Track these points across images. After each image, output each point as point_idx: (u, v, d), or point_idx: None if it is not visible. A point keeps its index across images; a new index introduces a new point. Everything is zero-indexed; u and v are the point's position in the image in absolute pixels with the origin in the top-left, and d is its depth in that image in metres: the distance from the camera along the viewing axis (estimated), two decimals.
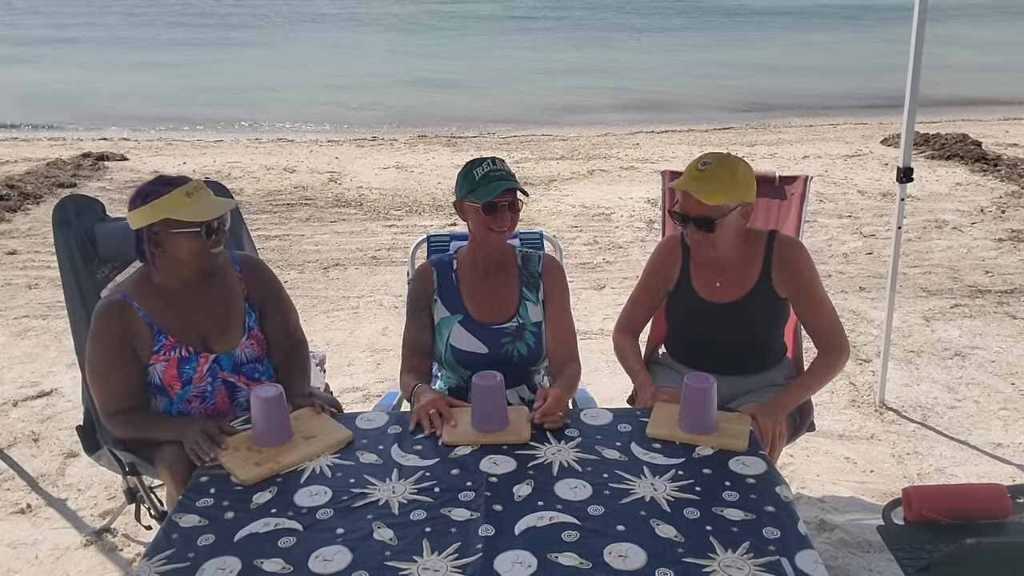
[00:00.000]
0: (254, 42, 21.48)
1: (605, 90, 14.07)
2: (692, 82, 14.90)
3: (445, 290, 2.45)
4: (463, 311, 2.43)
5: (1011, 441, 3.43)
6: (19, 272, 5.58)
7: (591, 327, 4.60)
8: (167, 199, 2.16)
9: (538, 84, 14.88)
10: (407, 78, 15.50)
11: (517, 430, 2.08)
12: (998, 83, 13.86)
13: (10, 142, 10.09)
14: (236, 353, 2.33)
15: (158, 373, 2.25)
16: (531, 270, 2.46)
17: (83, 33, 22.85)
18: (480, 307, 2.42)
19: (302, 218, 6.79)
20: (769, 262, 2.42)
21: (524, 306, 2.43)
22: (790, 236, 2.55)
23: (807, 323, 2.47)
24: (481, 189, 2.28)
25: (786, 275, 2.41)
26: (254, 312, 2.40)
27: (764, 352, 2.57)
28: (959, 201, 6.89)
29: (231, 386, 2.33)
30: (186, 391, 2.28)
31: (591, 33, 22.83)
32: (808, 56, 17.86)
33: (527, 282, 2.45)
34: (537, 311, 2.44)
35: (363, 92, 14.10)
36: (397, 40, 21.91)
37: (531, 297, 2.44)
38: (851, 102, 12.62)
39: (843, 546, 2.78)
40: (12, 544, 2.89)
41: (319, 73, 16.20)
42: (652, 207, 6.83)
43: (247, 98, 13.60)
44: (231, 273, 2.39)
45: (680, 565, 1.59)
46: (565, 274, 2.52)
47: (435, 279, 2.46)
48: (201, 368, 2.27)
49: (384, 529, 1.73)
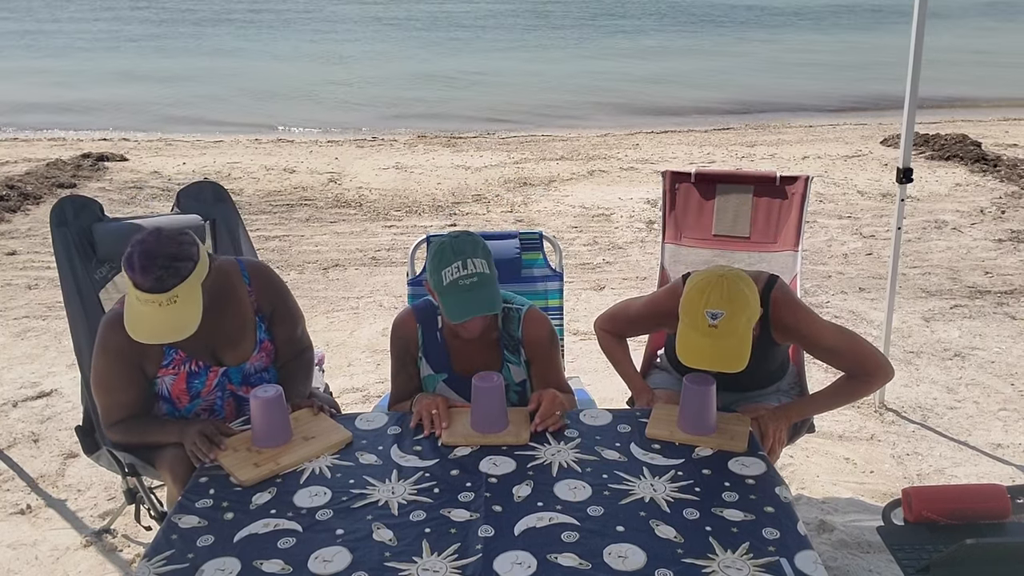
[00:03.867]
0: (254, 42, 21.48)
1: (605, 90, 14.07)
2: (692, 82, 14.89)
3: (430, 348, 2.35)
4: (448, 370, 2.35)
5: (1011, 441, 3.43)
6: (19, 272, 5.58)
7: (591, 328, 4.59)
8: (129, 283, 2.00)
9: (539, 84, 14.88)
10: (407, 78, 15.49)
11: (517, 431, 2.08)
12: (998, 83, 13.86)
13: (10, 142, 10.09)
14: (246, 366, 2.31)
15: (167, 385, 2.23)
16: (511, 333, 2.32)
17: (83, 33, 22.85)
18: (465, 368, 2.33)
19: (302, 218, 6.79)
20: (768, 320, 2.29)
21: (507, 368, 2.34)
22: (784, 293, 2.31)
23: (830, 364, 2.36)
24: (447, 302, 2.10)
25: (788, 335, 2.32)
26: (264, 324, 2.36)
27: (765, 376, 2.53)
28: (959, 202, 6.89)
29: (240, 399, 2.31)
30: (194, 404, 2.26)
31: (592, 34, 22.84)
32: (808, 56, 17.85)
33: (507, 345, 2.33)
34: (519, 371, 2.35)
35: (363, 92, 14.10)
36: (397, 40, 21.91)
37: (513, 359, 2.34)
38: (851, 103, 12.62)
39: (843, 547, 2.78)
40: (12, 545, 2.89)
41: (319, 73, 16.20)
42: (652, 207, 6.83)
43: (247, 98, 13.60)
44: (240, 286, 2.32)
45: (680, 565, 1.59)
46: (550, 325, 2.36)
47: (420, 336, 2.34)
48: (210, 383, 2.26)
49: (384, 530, 1.73)
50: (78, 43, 20.74)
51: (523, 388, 2.38)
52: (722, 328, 2.00)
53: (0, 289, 5.30)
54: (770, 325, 2.30)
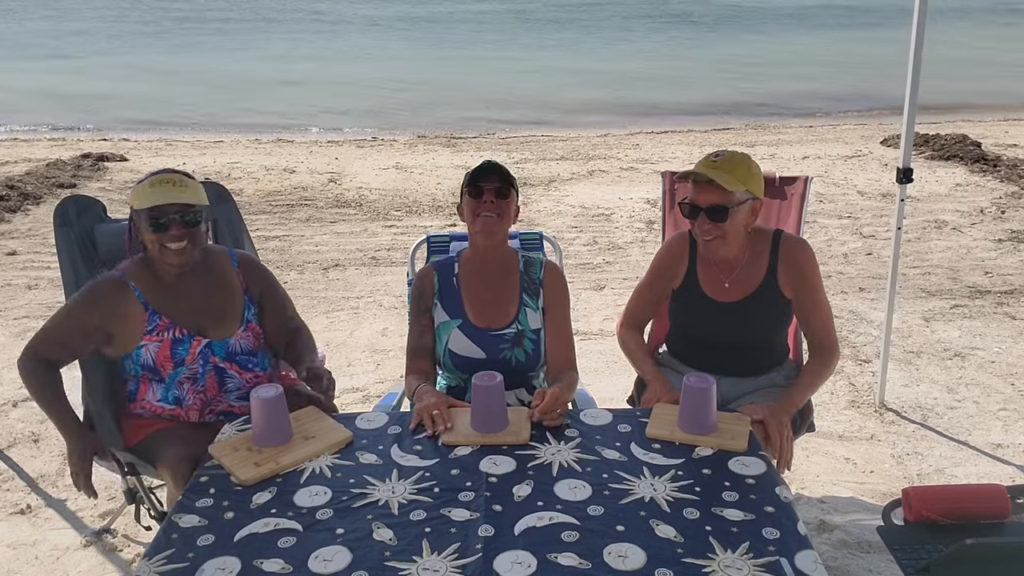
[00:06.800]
0: (254, 42, 21.48)
1: (605, 90, 14.07)
2: (692, 82, 14.90)
3: (446, 294, 2.44)
4: (462, 316, 2.41)
5: (1011, 441, 3.43)
6: (19, 273, 5.58)
7: (591, 328, 4.61)
8: (136, 189, 2.24)
9: (539, 84, 14.89)
10: (407, 78, 15.50)
11: (517, 431, 2.08)
12: (998, 83, 13.86)
13: (10, 142, 10.09)
14: (230, 342, 2.36)
15: (151, 354, 2.27)
16: (532, 276, 2.45)
17: (82, 33, 22.85)
18: (479, 312, 2.41)
19: (302, 219, 6.79)
20: (775, 260, 2.43)
21: (524, 312, 2.42)
22: (796, 235, 2.57)
23: (805, 323, 2.49)
24: (470, 178, 2.33)
25: (793, 274, 2.43)
26: (253, 306, 2.42)
27: (766, 353, 2.57)
28: (959, 202, 6.89)
29: (221, 372, 2.35)
30: (178, 372, 2.30)
31: (592, 34, 22.84)
32: (808, 56, 17.86)
33: (527, 288, 2.43)
34: (536, 318, 2.43)
35: (363, 92, 14.10)
36: (397, 40, 21.91)
37: (531, 304, 2.43)
38: (851, 103, 12.62)
39: (843, 547, 2.78)
40: (12, 544, 2.89)
41: (319, 73, 16.20)
42: (652, 207, 6.83)
43: (247, 98, 13.60)
44: (228, 268, 2.43)
45: (679, 565, 1.59)
46: (566, 281, 2.51)
47: (436, 282, 2.45)
48: (193, 350, 2.30)
49: (384, 529, 1.73)
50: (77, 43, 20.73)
51: (538, 337, 2.43)
52: (724, 163, 2.32)
53: (0, 289, 5.30)
54: (777, 266, 2.42)
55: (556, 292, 2.45)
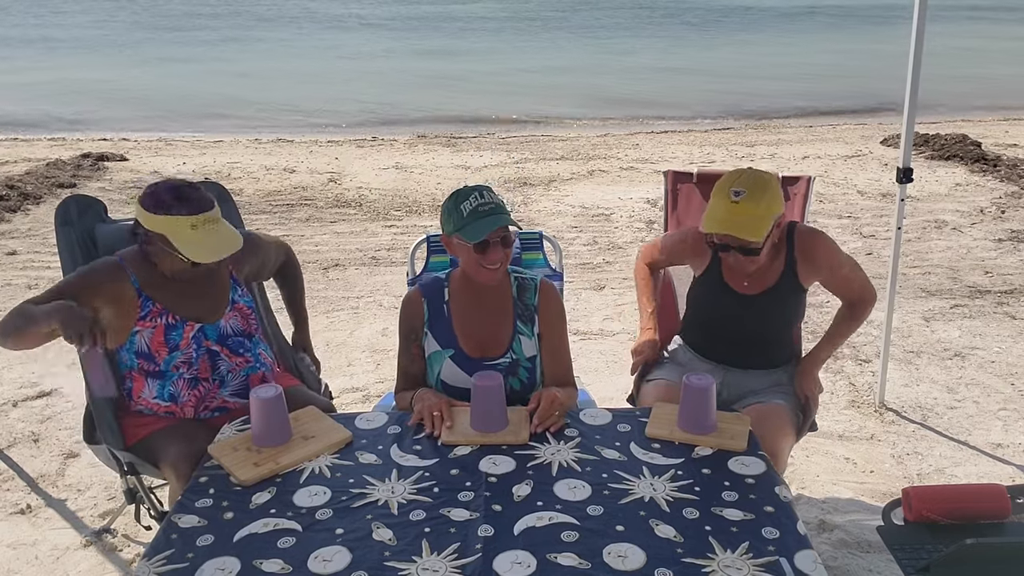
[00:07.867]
0: (254, 42, 21.48)
1: (605, 90, 14.07)
2: (692, 82, 14.89)
3: (436, 321, 2.31)
4: (455, 346, 2.30)
5: (1011, 441, 3.43)
6: (19, 272, 5.58)
7: (591, 327, 4.60)
8: (173, 222, 2.17)
9: (539, 84, 14.88)
10: (407, 78, 15.49)
11: (516, 430, 2.08)
12: (998, 83, 13.86)
13: (10, 142, 10.09)
14: (221, 324, 2.39)
15: (145, 340, 2.29)
16: (527, 302, 2.32)
17: (81, 32, 22.85)
18: (472, 342, 2.30)
19: (302, 218, 6.79)
20: (792, 254, 2.47)
21: (518, 341, 2.30)
22: (808, 226, 2.58)
23: (839, 295, 2.60)
24: (471, 227, 2.14)
25: (810, 267, 2.47)
26: (239, 287, 2.48)
27: (776, 348, 2.62)
28: (959, 201, 6.89)
29: (214, 355, 2.37)
30: (173, 357, 2.32)
31: (592, 34, 22.83)
32: (808, 56, 17.85)
33: (522, 315, 2.31)
34: (531, 345, 2.32)
35: (363, 92, 14.10)
36: (398, 41, 21.91)
37: (526, 331, 2.31)
38: (851, 103, 12.62)
39: (843, 546, 2.78)
40: (12, 544, 2.89)
41: (319, 73, 16.20)
42: (652, 207, 6.83)
43: (247, 98, 13.60)
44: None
45: (679, 565, 1.59)
46: (562, 300, 2.41)
47: (425, 310, 2.32)
48: (187, 335, 2.32)
49: (383, 529, 1.73)
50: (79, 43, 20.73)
51: (533, 365, 2.33)
52: (743, 203, 2.25)
53: (0, 289, 5.30)
54: (795, 260, 2.46)
55: (551, 315, 2.34)
